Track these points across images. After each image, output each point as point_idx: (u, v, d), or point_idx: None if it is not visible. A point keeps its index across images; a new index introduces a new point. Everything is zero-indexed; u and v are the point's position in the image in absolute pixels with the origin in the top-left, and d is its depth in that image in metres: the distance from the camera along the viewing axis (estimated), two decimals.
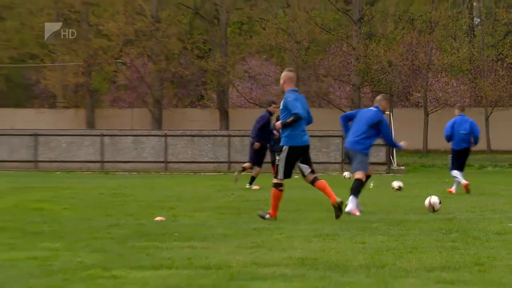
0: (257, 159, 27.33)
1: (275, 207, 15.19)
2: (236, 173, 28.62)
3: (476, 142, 24.45)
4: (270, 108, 27.77)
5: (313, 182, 15.38)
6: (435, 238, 12.03)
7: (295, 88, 15.73)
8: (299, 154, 15.40)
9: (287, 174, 15.28)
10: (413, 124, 55.64)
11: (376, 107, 17.93)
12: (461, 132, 23.84)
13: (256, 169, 27.25)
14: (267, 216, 15.07)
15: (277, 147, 27.50)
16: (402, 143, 18.35)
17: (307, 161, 15.52)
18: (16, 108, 64.65)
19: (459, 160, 24.46)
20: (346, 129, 18.08)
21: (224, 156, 42.16)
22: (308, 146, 15.56)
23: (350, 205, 16.70)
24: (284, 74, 15.95)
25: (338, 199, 14.90)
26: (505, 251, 10.74)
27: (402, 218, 15.31)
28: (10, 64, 64.23)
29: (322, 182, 15.32)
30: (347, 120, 18.12)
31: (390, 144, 17.98)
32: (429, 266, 9.34)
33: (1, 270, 9.12)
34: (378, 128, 17.70)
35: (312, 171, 15.45)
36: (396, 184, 24.22)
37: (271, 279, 8.51)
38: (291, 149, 15.26)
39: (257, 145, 26.91)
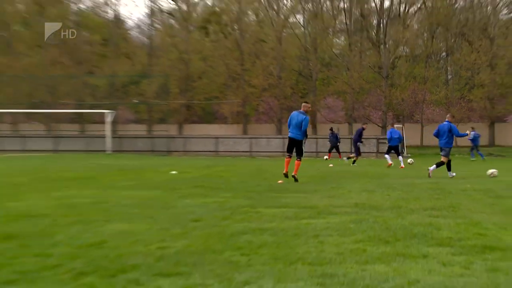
0: (357, 151, 27.52)
1: (287, 166, 15.24)
2: (345, 159, 29.44)
3: (401, 141, 26.07)
4: (364, 126, 28.14)
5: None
6: (428, 193, 11.71)
7: (301, 111, 15.25)
8: (291, 142, 15.25)
9: (288, 151, 15.41)
10: (415, 132, 54.67)
11: (447, 121, 17.41)
12: (395, 137, 25.29)
13: (353, 155, 27.70)
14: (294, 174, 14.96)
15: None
16: (467, 132, 17.58)
17: (295, 149, 15.32)
18: (207, 124, 65.57)
19: (392, 150, 25.40)
20: (437, 136, 17.54)
21: (313, 149, 42.05)
22: (294, 139, 15.18)
23: (432, 167, 17.21)
24: None
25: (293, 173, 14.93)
26: (466, 200, 10.42)
27: (411, 182, 14.95)
28: (204, 101, 65.29)
29: (296, 162, 15.19)
30: (437, 134, 17.55)
31: (459, 136, 17.17)
32: (425, 207, 9.11)
33: (199, 208, 9.25)
34: (451, 131, 17.10)
35: (293, 155, 15.35)
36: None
37: (339, 214, 8.41)
38: (289, 138, 15.25)
39: (359, 144, 27.19)
